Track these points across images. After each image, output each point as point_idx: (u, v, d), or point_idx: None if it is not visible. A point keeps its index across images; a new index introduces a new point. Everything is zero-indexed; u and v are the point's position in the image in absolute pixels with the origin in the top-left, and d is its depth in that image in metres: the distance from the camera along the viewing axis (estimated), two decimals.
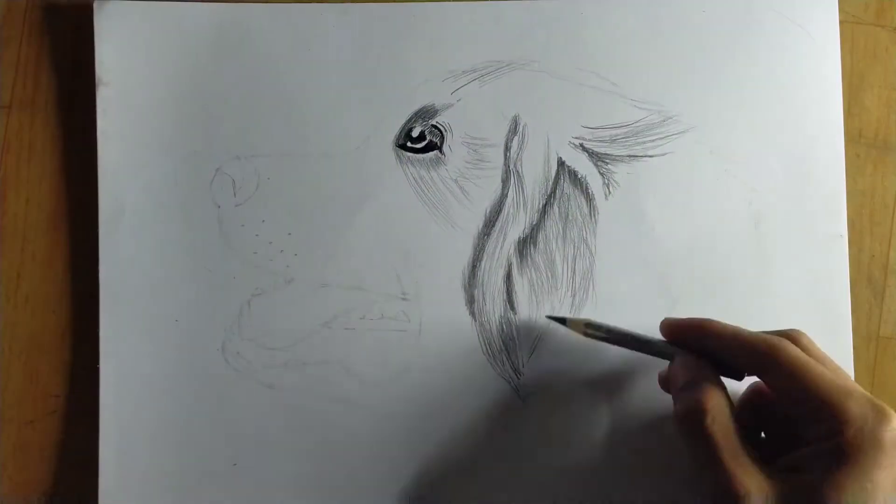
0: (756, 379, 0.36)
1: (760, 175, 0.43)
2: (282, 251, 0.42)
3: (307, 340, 0.42)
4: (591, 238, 0.42)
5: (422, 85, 0.43)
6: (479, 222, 0.42)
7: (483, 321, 0.42)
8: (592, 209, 0.42)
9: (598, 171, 0.43)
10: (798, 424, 0.33)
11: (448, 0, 0.43)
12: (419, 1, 0.43)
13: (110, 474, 0.41)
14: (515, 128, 0.43)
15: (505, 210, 0.42)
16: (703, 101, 0.43)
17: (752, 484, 0.31)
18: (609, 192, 0.43)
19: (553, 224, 0.42)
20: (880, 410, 0.31)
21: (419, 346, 0.42)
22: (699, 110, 0.43)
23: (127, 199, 0.42)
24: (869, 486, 0.30)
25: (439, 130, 0.43)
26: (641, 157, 0.43)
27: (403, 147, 0.43)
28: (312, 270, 0.42)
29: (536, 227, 0.42)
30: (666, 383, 0.39)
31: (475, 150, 0.43)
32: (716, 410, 0.33)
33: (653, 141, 0.43)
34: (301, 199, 0.42)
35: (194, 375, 0.42)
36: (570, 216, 0.42)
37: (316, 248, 0.42)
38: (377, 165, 0.43)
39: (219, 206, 0.42)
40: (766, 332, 0.36)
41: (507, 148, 0.43)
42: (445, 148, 0.43)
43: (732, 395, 0.35)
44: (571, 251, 0.42)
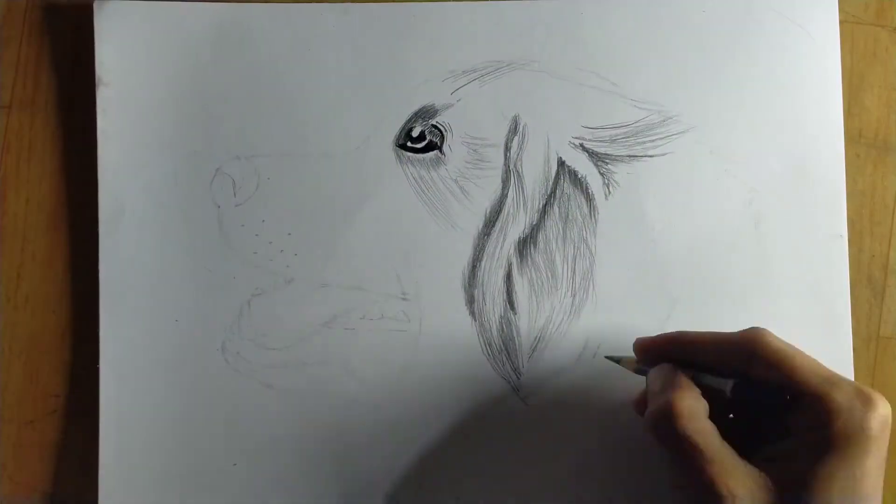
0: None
1: (760, 175, 0.43)
2: (282, 251, 0.42)
3: (307, 340, 0.42)
4: (591, 238, 0.42)
5: (422, 85, 0.43)
6: (479, 222, 0.42)
7: (483, 321, 0.42)
8: (592, 209, 0.42)
9: (598, 171, 0.43)
10: (783, 414, 0.33)
11: (448, 0, 0.43)
12: (419, 1, 0.43)
13: (110, 474, 0.41)
14: (515, 128, 0.43)
15: (505, 210, 0.42)
16: (703, 101, 0.43)
17: (736, 484, 0.31)
18: (609, 192, 0.43)
19: (553, 224, 0.42)
20: (866, 398, 0.31)
21: (419, 346, 0.42)
22: (699, 110, 0.43)
23: (127, 199, 0.42)
24: (858, 473, 0.30)
25: (439, 130, 0.43)
26: (641, 157, 0.43)
27: (403, 147, 0.43)
28: (312, 270, 0.42)
29: (536, 227, 0.42)
30: (640, 405, 0.38)
31: (475, 150, 0.43)
32: (689, 411, 0.32)
33: (653, 141, 0.43)
34: (301, 199, 0.42)
35: (194, 375, 0.42)
36: (570, 216, 0.42)
37: (316, 248, 0.42)
38: (377, 165, 0.43)
39: (219, 206, 0.43)
40: (734, 332, 0.35)
41: (507, 148, 0.43)
42: (445, 148, 0.43)
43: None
44: (571, 251, 0.42)
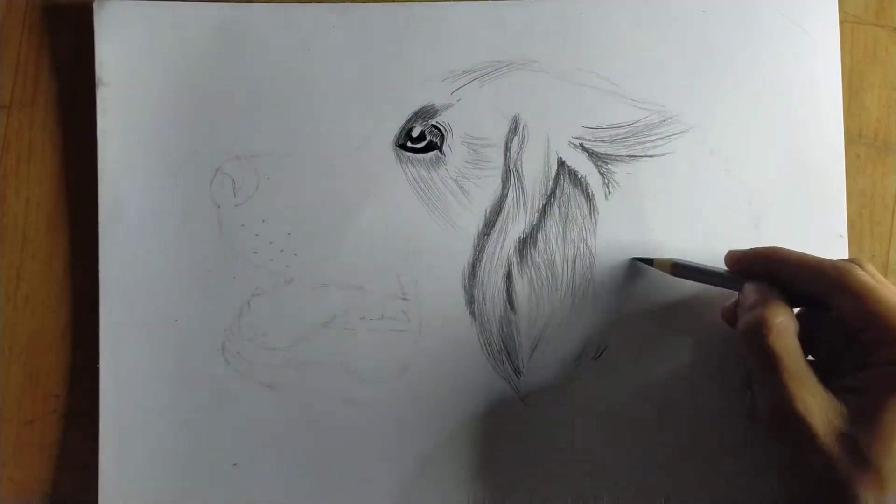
0: None
1: (760, 175, 0.43)
2: (282, 251, 0.42)
3: (307, 340, 0.42)
4: (591, 238, 0.42)
5: (422, 85, 0.43)
6: (479, 222, 0.42)
7: (483, 321, 0.42)
8: (592, 209, 0.42)
9: (598, 171, 0.43)
10: (862, 347, 0.34)
11: (448, 0, 0.43)
12: (419, 1, 0.43)
13: (110, 474, 0.41)
14: (515, 128, 0.43)
15: (505, 210, 0.42)
16: (702, 101, 0.43)
17: (813, 405, 0.32)
18: (609, 192, 0.43)
19: (553, 224, 0.42)
20: None
21: (419, 346, 0.42)
22: (699, 110, 0.43)
23: (127, 199, 0.42)
24: None
25: (439, 130, 0.43)
26: (641, 157, 0.43)
27: (403, 147, 0.43)
28: (312, 270, 0.42)
29: (536, 227, 0.42)
30: (730, 314, 0.39)
31: (475, 150, 0.43)
32: (780, 328, 0.34)
33: (653, 141, 0.43)
34: (301, 199, 0.42)
35: (194, 375, 0.42)
36: (570, 216, 0.42)
37: (316, 248, 0.42)
38: (377, 165, 0.43)
39: (219, 206, 0.42)
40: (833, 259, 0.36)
41: (507, 148, 0.43)
42: (445, 148, 0.43)
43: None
44: (571, 251, 0.42)
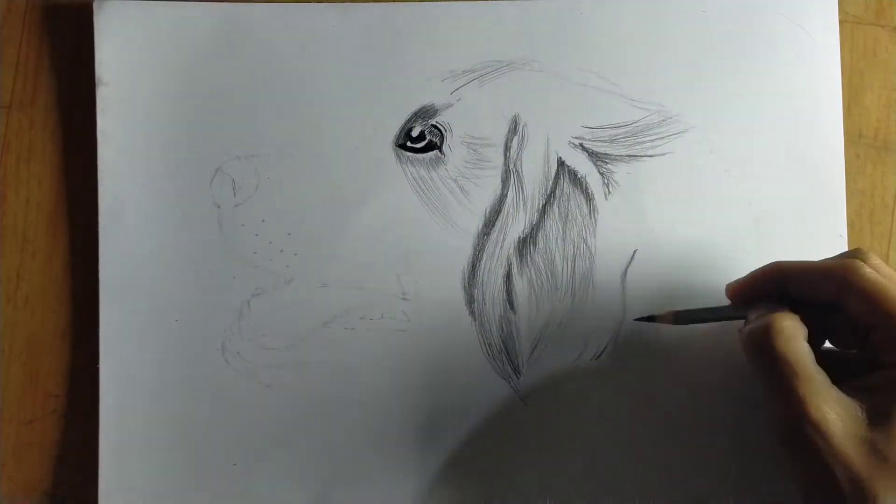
0: None
1: (760, 175, 0.43)
2: (282, 251, 0.42)
3: (307, 340, 0.42)
4: (590, 238, 0.42)
5: (422, 85, 0.43)
6: (479, 222, 0.42)
7: (483, 321, 0.42)
8: (592, 209, 0.42)
9: (598, 171, 0.43)
10: (873, 346, 0.33)
11: (448, 0, 0.43)
12: (419, 1, 0.43)
13: (110, 474, 0.41)
14: (515, 128, 0.43)
15: (505, 210, 0.42)
16: (702, 100, 0.43)
17: (828, 408, 0.31)
18: (609, 192, 0.43)
19: (553, 224, 0.42)
20: None
21: (419, 347, 0.42)
22: (699, 110, 0.43)
23: (127, 199, 0.42)
24: None
25: (439, 130, 0.43)
26: (641, 156, 0.43)
27: (403, 147, 0.43)
28: (312, 270, 0.42)
29: (536, 227, 0.42)
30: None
31: (475, 150, 0.43)
32: (788, 331, 0.32)
33: (653, 141, 0.43)
34: (301, 199, 0.42)
35: (194, 375, 0.42)
36: (569, 216, 0.42)
37: (316, 248, 0.42)
38: (377, 165, 0.43)
39: (219, 206, 0.42)
40: (833, 256, 0.35)
41: (506, 148, 0.43)
42: (445, 148, 0.43)
43: None
44: (571, 251, 0.42)
